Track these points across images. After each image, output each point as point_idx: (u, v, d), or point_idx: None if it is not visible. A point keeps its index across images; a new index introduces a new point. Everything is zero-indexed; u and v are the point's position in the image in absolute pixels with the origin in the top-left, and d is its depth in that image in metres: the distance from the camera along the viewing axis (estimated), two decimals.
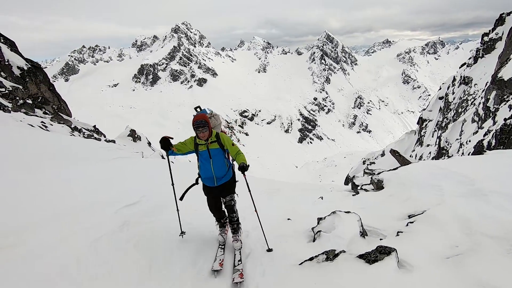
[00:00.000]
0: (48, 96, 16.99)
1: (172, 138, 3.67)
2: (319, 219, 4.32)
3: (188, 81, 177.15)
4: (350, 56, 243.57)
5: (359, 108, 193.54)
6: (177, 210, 4.08)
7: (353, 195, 7.00)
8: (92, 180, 5.95)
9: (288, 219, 5.05)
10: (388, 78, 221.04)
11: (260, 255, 3.65)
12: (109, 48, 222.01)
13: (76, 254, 3.27)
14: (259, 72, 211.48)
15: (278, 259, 3.50)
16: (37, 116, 12.01)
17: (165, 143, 3.57)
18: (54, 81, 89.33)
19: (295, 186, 9.58)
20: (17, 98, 12.51)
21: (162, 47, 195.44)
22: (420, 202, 4.46)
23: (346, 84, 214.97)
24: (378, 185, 6.67)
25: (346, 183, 25.54)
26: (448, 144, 21.84)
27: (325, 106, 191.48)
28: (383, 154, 31.33)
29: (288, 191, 8.21)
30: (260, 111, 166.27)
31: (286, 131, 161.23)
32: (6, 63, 15.49)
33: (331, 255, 3.06)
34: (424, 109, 34.86)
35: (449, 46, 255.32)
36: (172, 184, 4.09)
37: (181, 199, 3.87)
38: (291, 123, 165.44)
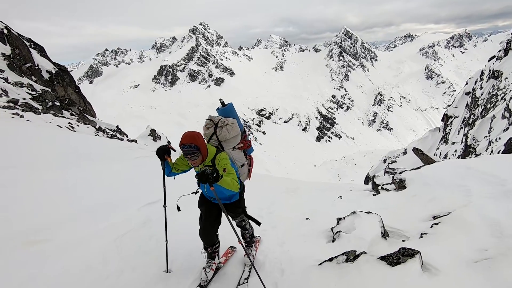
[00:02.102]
0: (74, 98, 17.78)
1: (174, 150, 3.01)
2: (339, 219, 4.25)
3: (206, 81, 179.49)
4: (370, 52, 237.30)
5: (380, 105, 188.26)
6: (166, 242, 3.28)
7: (373, 194, 6.83)
8: (116, 178, 6.18)
9: (307, 218, 5.01)
10: (410, 74, 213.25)
11: (278, 254, 3.64)
12: (130, 50, 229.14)
13: (101, 250, 3.41)
14: (276, 70, 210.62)
15: (296, 258, 3.48)
16: (65, 118, 12.62)
17: (161, 151, 2.85)
18: (80, 84, 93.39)
19: (313, 185, 9.47)
20: (47, 100, 13.19)
21: (180, 48, 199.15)
22: (445, 203, 4.28)
23: (365, 80, 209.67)
24: (400, 185, 6.46)
25: (366, 182, 24.96)
26: (475, 142, 20.79)
27: (343, 103, 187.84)
28: (405, 153, 30.30)
29: (306, 190, 8.14)
30: (277, 109, 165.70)
31: (304, 129, 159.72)
32: (37, 67, 16.36)
33: (351, 256, 3.01)
34: (449, 105, 33.30)
35: (476, 38, 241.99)
36: (164, 206, 3.31)
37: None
38: (309, 121, 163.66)
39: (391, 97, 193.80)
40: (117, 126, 20.04)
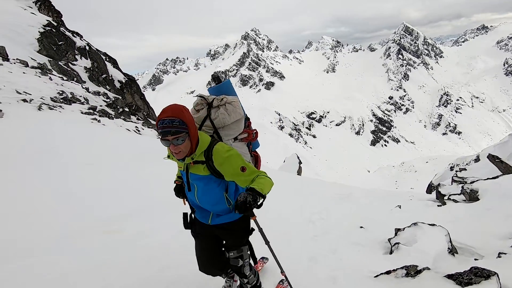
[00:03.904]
0: (140, 104, 19.76)
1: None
2: (397, 230, 3.96)
3: (257, 85, 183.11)
4: (434, 48, 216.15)
5: (446, 107, 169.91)
6: None
7: (438, 205, 6.19)
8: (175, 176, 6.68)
9: (361, 227, 4.76)
10: (484, 70, 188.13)
11: (330, 261, 3.53)
12: (187, 59, 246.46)
13: (163, 243, 3.72)
14: (327, 72, 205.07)
15: (349, 268, 3.34)
16: (132, 122, 14.10)
17: (179, 189, 2.27)
18: (144, 91, 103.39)
19: (368, 192, 8.95)
20: (118, 107, 14.91)
21: (233, 55, 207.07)
22: None
23: (428, 79, 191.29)
24: (471, 196, 5.75)
25: (428, 191, 22.65)
26: None
27: (402, 105, 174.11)
28: (477, 160, 26.70)
29: (360, 197, 7.74)
30: (328, 112, 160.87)
31: (357, 133, 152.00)
32: (110, 78, 18.64)
33: (412, 271, 2.78)
34: None
35: None
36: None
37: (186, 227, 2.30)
38: (363, 125, 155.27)
39: (460, 97, 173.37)
40: None
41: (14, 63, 12.15)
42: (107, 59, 20.23)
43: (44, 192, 4.53)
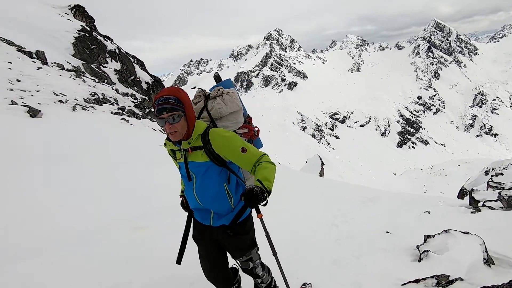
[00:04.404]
0: None
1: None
2: (427, 237, 3.78)
3: (279, 86, 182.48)
4: (468, 45, 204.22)
5: (480, 107, 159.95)
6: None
7: (471, 212, 5.83)
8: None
9: (387, 232, 4.59)
10: None
11: (355, 266, 3.44)
12: (211, 60, 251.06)
13: (188, 241, 3.80)
14: (352, 72, 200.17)
15: (375, 274, 3.23)
16: None
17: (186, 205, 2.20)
18: None
19: (394, 195, 8.62)
20: (145, 107, 15.48)
21: (255, 55, 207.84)
22: None
23: (461, 78, 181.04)
24: (510, 203, 5.37)
25: (460, 196, 21.42)
26: None
27: (432, 105, 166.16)
28: None
29: (385, 200, 7.47)
30: (352, 113, 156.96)
31: (383, 134, 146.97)
32: (138, 79, 19.41)
33: (443, 281, 2.64)
34: None
35: None
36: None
37: (178, 262, 2.15)
38: (389, 126, 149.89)
39: (497, 97, 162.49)
40: None
41: (52, 66, 13.00)
42: (135, 61, 21.08)
43: (79, 187, 4.80)
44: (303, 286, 3.03)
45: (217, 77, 2.39)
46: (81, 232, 3.72)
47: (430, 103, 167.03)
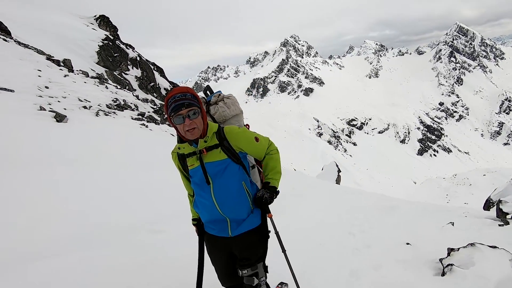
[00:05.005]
0: None
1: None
2: (450, 250, 3.61)
3: (295, 92, 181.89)
4: (494, 50, 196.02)
5: (508, 113, 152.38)
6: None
7: (499, 225, 5.52)
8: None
9: (407, 243, 4.43)
10: None
11: (373, 278, 3.33)
12: (227, 66, 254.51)
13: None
14: (370, 77, 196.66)
15: (395, 287, 3.12)
16: None
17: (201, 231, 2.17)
18: None
19: (415, 205, 8.31)
20: (163, 113, 15.90)
21: (272, 61, 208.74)
22: None
23: (487, 84, 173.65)
24: None
25: (486, 208, 20.33)
26: None
27: (455, 112, 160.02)
28: None
29: (405, 209, 7.21)
30: (370, 119, 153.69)
31: (402, 141, 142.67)
32: (157, 86, 19.98)
33: None
34: None
35: None
36: None
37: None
38: (409, 133, 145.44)
39: None
40: None
41: (77, 74, 13.64)
42: (155, 68, 21.74)
43: (97, 190, 4.96)
44: (279, 286, 2.98)
45: (207, 90, 2.37)
46: (99, 235, 3.82)
47: (452, 110, 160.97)
